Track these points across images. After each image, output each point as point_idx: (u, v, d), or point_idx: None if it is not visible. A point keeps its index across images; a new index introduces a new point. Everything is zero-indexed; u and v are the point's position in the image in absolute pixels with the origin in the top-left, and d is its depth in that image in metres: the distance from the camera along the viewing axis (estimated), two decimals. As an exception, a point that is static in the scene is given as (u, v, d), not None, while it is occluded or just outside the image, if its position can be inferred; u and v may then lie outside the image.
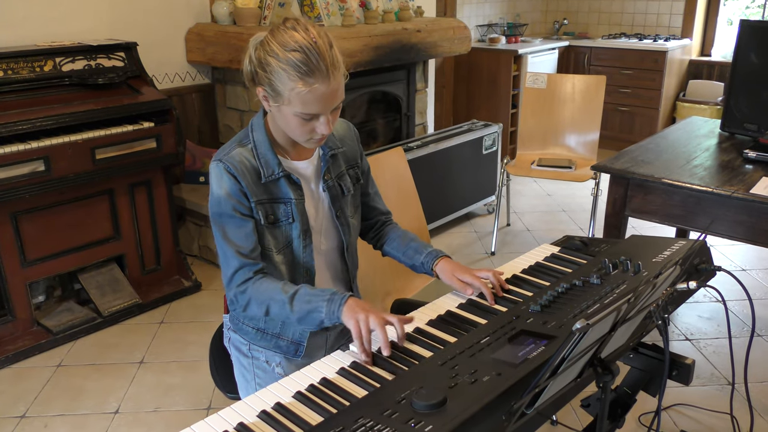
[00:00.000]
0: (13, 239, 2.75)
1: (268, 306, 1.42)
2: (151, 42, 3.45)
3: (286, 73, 1.32)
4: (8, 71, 2.74)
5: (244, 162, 1.44)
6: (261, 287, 1.43)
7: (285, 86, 1.33)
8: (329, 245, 1.61)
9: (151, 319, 3.09)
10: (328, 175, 1.55)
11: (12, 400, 2.50)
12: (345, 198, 1.60)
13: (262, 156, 1.46)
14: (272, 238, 1.49)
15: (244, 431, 1.08)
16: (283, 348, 1.58)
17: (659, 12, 5.93)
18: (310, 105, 1.34)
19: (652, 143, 2.82)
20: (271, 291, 1.41)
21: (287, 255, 1.52)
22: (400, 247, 1.69)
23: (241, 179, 1.43)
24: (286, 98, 1.35)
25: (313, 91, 1.32)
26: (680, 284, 1.53)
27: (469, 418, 1.02)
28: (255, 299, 1.43)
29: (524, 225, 4.23)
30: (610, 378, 1.07)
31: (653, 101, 5.58)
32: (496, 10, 6.01)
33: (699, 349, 2.86)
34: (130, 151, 2.90)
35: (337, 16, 3.57)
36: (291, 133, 1.43)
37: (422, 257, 1.63)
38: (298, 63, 1.31)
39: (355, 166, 1.64)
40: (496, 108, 5.48)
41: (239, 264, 1.44)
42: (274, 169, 1.46)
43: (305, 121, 1.38)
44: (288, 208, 1.49)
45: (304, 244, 1.52)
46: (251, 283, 1.43)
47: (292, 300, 1.40)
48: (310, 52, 1.31)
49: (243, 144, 1.47)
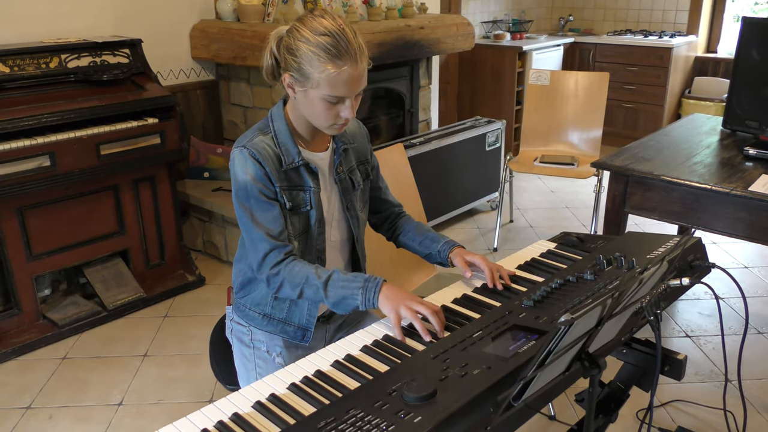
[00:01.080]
0: (19, 233, 2.79)
1: (302, 289, 1.46)
2: (156, 38, 3.48)
3: (317, 56, 1.37)
4: (14, 68, 2.77)
5: (267, 149, 1.49)
6: (294, 270, 1.46)
7: (315, 69, 1.38)
8: (339, 237, 1.66)
9: (155, 313, 3.12)
10: (340, 168, 1.61)
11: (18, 391, 2.54)
12: (355, 192, 1.65)
13: (282, 144, 1.51)
14: (291, 223, 1.53)
15: (238, 421, 1.10)
16: (290, 333, 1.62)
17: (665, 8, 5.91)
18: (338, 87, 1.40)
19: (653, 140, 2.83)
20: (305, 275, 1.45)
21: (302, 241, 1.56)
22: (416, 237, 1.74)
23: (265, 164, 1.47)
24: (315, 81, 1.40)
25: (342, 73, 1.38)
26: (673, 281, 1.55)
27: (458, 410, 1.04)
28: (289, 282, 1.46)
29: (527, 221, 4.24)
30: (597, 372, 1.09)
31: (658, 98, 5.57)
32: (502, 7, 6.01)
33: (699, 345, 2.87)
34: (135, 147, 2.93)
35: (340, 12, 3.58)
36: (315, 118, 1.47)
37: (439, 246, 1.69)
38: (329, 46, 1.37)
39: (365, 162, 1.70)
40: (500, 104, 5.49)
41: (270, 246, 1.47)
42: (294, 157, 1.51)
43: (331, 105, 1.43)
44: (307, 196, 1.54)
45: (319, 232, 1.57)
46: (284, 266, 1.47)
47: (326, 285, 1.44)
48: (339, 37, 1.37)
49: (264, 132, 1.52)
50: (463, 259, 1.61)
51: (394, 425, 1.02)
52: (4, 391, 2.55)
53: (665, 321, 3.06)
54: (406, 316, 1.34)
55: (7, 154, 2.56)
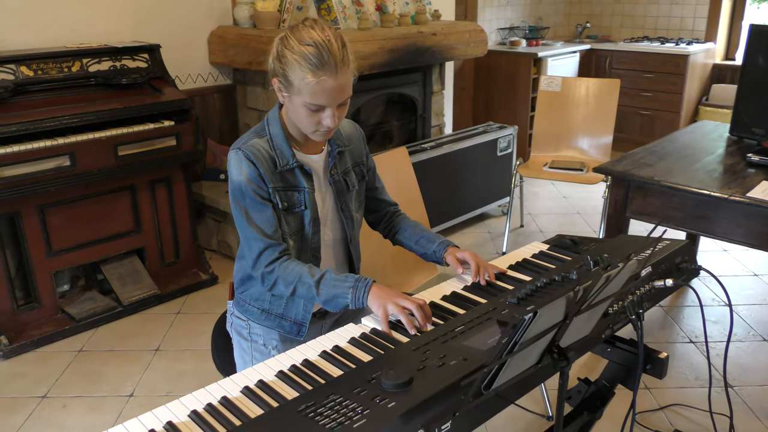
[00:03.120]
0: (39, 230, 2.90)
1: (295, 287, 1.53)
2: (175, 44, 3.59)
3: (299, 65, 1.44)
4: (38, 71, 2.89)
5: (261, 151, 1.56)
6: (288, 268, 1.53)
7: (296, 76, 1.45)
8: (334, 237, 1.72)
9: (168, 309, 3.22)
10: (334, 170, 1.67)
11: (35, 381, 2.65)
12: (350, 193, 1.71)
13: (277, 147, 1.57)
14: (286, 223, 1.60)
15: (226, 404, 1.17)
16: (286, 328, 1.68)
17: (683, 15, 5.90)
18: (317, 96, 1.46)
19: (657, 146, 2.86)
20: (299, 273, 1.52)
21: (297, 240, 1.63)
22: (412, 236, 1.81)
23: (259, 166, 1.54)
24: (297, 88, 1.46)
25: (321, 83, 1.44)
26: (657, 282, 1.59)
27: (431, 397, 1.10)
28: (282, 279, 1.53)
29: (538, 226, 4.27)
30: (566, 364, 1.13)
31: (674, 105, 5.56)
32: (518, 14, 6.05)
33: (702, 351, 2.88)
34: (151, 149, 3.03)
35: (353, 19, 3.67)
36: (299, 123, 1.55)
37: (434, 245, 1.75)
38: (310, 56, 1.43)
39: (361, 164, 1.76)
40: (515, 110, 5.52)
41: (264, 245, 1.54)
42: (289, 159, 1.58)
43: (312, 112, 1.49)
44: (302, 196, 1.60)
45: (314, 231, 1.64)
46: (278, 264, 1.54)
47: (319, 284, 1.51)
48: (322, 48, 1.43)
49: (260, 135, 1.59)
50: (455, 257, 1.67)
51: (369, 409, 1.08)
52: (22, 381, 2.65)
53: (670, 326, 3.07)
54: (393, 311, 1.40)
55: (29, 153, 2.68)
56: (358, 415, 1.06)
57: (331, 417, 1.06)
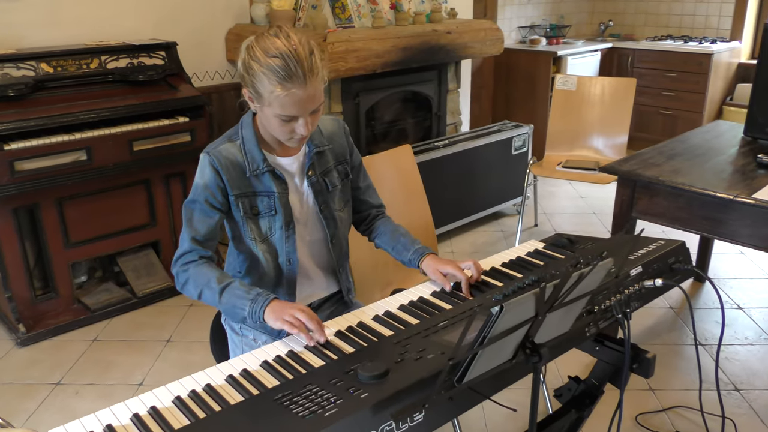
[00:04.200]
0: (57, 222, 2.99)
1: (201, 290, 1.53)
2: (193, 42, 3.66)
3: (267, 78, 1.42)
4: (58, 68, 2.98)
5: (230, 157, 1.56)
6: (200, 270, 1.53)
7: (265, 89, 1.44)
8: (314, 237, 1.72)
9: (181, 302, 3.29)
10: (311, 172, 1.66)
11: (50, 368, 2.74)
12: (330, 193, 1.70)
13: (248, 152, 1.57)
14: (255, 227, 1.61)
15: (209, 391, 1.21)
16: (267, 329, 1.69)
17: (708, 14, 5.81)
18: (288, 108, 1.45)
19: (667, 146, 2.84)
20: (208, 277, 1.52)
21: (269, 245, 1.63)
22: (389, 241, 1.79)
23: (224, 173, 1.55)
24: (267, 100, 1.45)
25: (291, 95, 1.43)
26: (647, 281, 1.59)
27: (403, 389, 1.13)
28: (193, 280, 1.54)
29: (552, 226, 4.26)
30: (538, 360, 1.15)
31: (697, 104, 5.48)
32: (540, 12, 6.02)
33: (711, 354, 2.85)
34: (165, 144, 3.10)
35: (368, 17, 3.70)
36: (273, 132, 1.54)
37: (409, 254, 1.72)
38: (278, 68, 1.41)
39: (344, 161, 1.74)
40: (534, 109, 5.50)
41: (189, 248, 1.56)
42: (259, 164, 1.58)
43: (285, 122, 1.48)
44: (271, 201, 1.60)
45: (287, 235, 1.63)
46: (193, 265, 1.55)
47: (223, 292, 1.50)
48: (289, 59, 1.41)
49: (232, 140, 1.59)
50: (438, 271, 1.62)
51: (342, 399, 1.11)
52: (38, 367, 2.74)
53: (680, 328, 3.05)
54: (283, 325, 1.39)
55: (47, 148, 2.76)
56: (331, 404, 1.09)
57: (305, 406, 1.10)
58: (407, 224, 2.37)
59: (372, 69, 3.48)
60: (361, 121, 3.82)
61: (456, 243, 4.00)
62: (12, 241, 2.89)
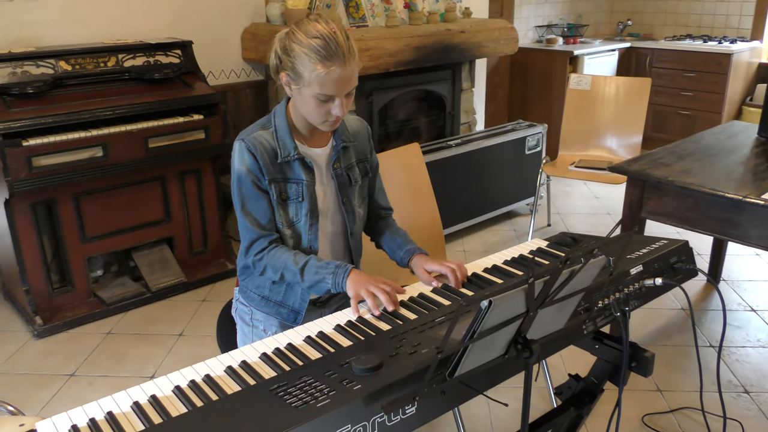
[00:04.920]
0: (74, 217, 3.05)
1: (282, 273, 1.63)
2: (210, 40, 3.71)
3: (308, 57, 1.50)
4: (75, 66, 3.04)
5: (264, 143, 1.63)
6: (276, 255, 1.63)
7: (306, 68, 1.51)
8: (334, 229, 1.78)
9: (194, 297, 3.34)
10: (337, 164, 1.72)
11: (65, 360, 2.80)
12: (352, 187, 1.76)
13: (280, 139, 1.64)
14: (283, 213, 1.67)
15: (208, 381, 1.24)
16: (283, 315, 1.76)
17: (728, 13, 5.74)
18: (327, 86, 1.52)
19: (679, 146, 2.82)
20: (285, 260, 1.62)
21: (294, 231, 1.70)
22: (387, 242, 1.86)
23: (259, 158, 1.61)
24: (307, 80, 1.53)
25: (331, 73, 1.50)
26: (647, 280, 1.59)
27: (396, 382, 1.15)
28: (271, 266, 1.63)
29: (565, 226, 4.25)
30: (529, 355, 1.16)
31: (716, 105, 5.43)
32: (557, 11, 5.99)
33: (723, 356, 2.83)
34: (180, 141, 3.15)
35: (381, 17, 3.72)
36: (309, 114, 1.60)
37: (402, 253, 1.78)
38: (319, 48, 1.49)
39: (365, 160, 1.81)
40: (550, 109, 5.48)
41: (257, 235, 1.64)
42: (290, 151, 1.64)
43: (322, 103, 1.55)
44: (299, 188, 1.67)
45: (310, 223, 1.70)
46: (267, 252, 1.64)
47: (303, 271, 1.60)
48: (329, 40, 1.50)
49: (265, 127, 1.66)
50: (423, 269, 1.67)
51: (335, 391, 1.13)
52: (53, 359, 2.81)
53: (689, 330, 3.03)
54: (363, 295, 1.48)
55: (65, 144, 2.82)
56: (324, 395, 1.12)
57: (299, 396, 1.12)
58: (414, 222, 2.40)
59: (385, 68, 3.50)
60: (374, 120, 3.84)
61: (468, 242, 4.00)
62: (30, 235, 2.96)
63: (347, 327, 1.43)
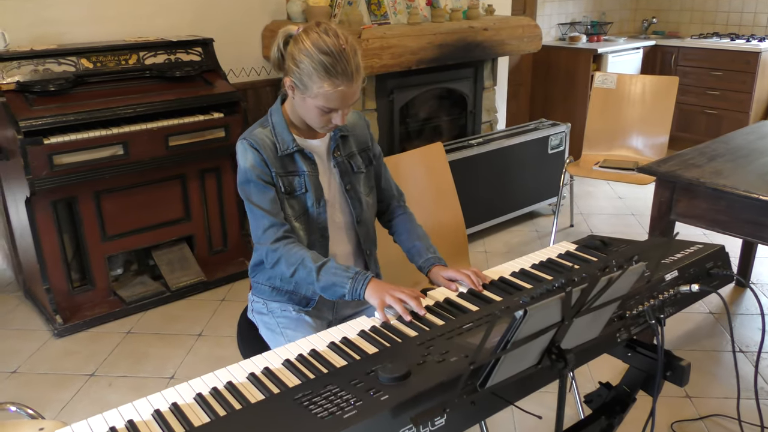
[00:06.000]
0: (95, 215, 3.04)
1: (296, 269, 1.59)
2: (230, 38, 3.69)
3: (317, 73, 1.52)
4: (97, 63, 3.03)
5: (264, 139, 1.64)
6: (293, 250, 1.61)
7: (314, 84, 1.54)
8: (343, 219, 1.78)
9: (213, 296, 3.32)
10: (337, 152, 1.74)
11: (85, 359, 2.79)
12: (356, 175, 1.77)
13: (278, 134, 1.66)
14: (290, 206, 1.67)
15: (230, 389, 1.21)
16: (295, 300, 1.76)
17: (756, 11, 5.62)
18: (332, 101, 1.56)
19: (709, 147, 2.75)
20: (302, 256, 1.59)
21: (304, 222, 1.70)
22: (405, 243, 1.85)
23: (263, 152, 1.63)
24: (313, 93, 1.55)
25: (338, 92, 1.54)
26: (683, 287, 1.54)
27: (424, 392, 1.11)
28: (285, 260, 1.60)
29: (588, 227, 4.17)
30: (563, 366, 1.11)
31: (743, 104, 5.31)
32: (581, 9, 5.90)
33: (751, 361, 2.75)
34: (201, 140, 3.13)
35: (403, 14, 3.67)
36: (310, 120, 1.63)
37: (421, 261, 1.77)
38: (329, 66, 1.51)
39: (367, 149, 1.82)
40: (573, 107, 5.40)
41: (269, 222, 1.62)
42: (289, 144, 1.66)
43: (324, 113, 1.59)
44: (302, 180, 1.68)
45: (319, 212, 1.69)
46: (282, 244, 1.61)
47: (320, 270, 1.57)
48: (339, 58, 1.51)
49: (264, 126, 1.68)
50: (442, 277, 1.66)
51: (362, 401, 1.09)
52: (74, 358, 2.80)
53: (719, 335, 2.95)
54: (389, 302, 1.45)
55: (86, 142, 2.81)
56: (350, 405, 1.08)
57: (324, 406, 1.08)
58: (437, 223, 2.35)
59: (407, 66, 3.46)
60: (395, 118, 3.80)
61: (489, 242, 3.95)
62: (51, 233, 2.95)
63: (372, 333, 1.39)
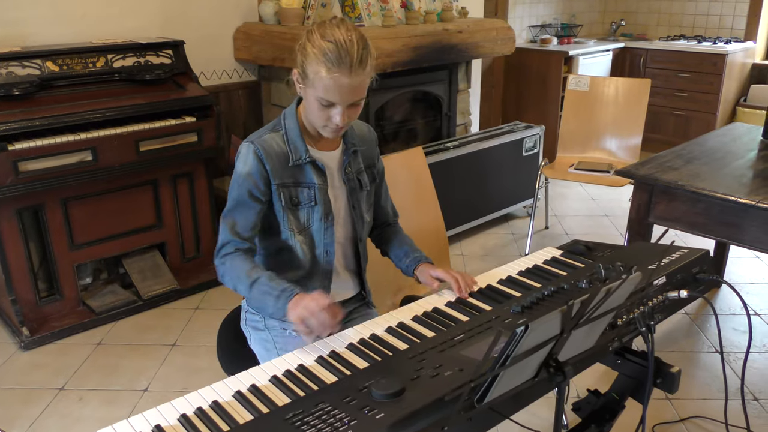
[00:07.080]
0: (62, 223, 2.94)
1: (236, 284, 1.55)
2: (201, 40, 3.61)
3: (315, 58, 1.46)
4: (63, 66, 2.93)
5: (274, 146, 1.58)
6: (235, 264, 1.55)
7: (312, 70, 1.47)
8: (344, 235, 1.72)
9: (187, 304, 3.24)
10: (348, 169, 1.68)
11: (54, 372, 2.69)
12: (362, 193, 1.72)
13: (291, 142, 1.59)
14: (294, 219, 1.61)
15: (216, 409, 1.16)
16: None
17: (722, 14, 5.72)
18: (329, 92, 1.47)
19: (685, 149, 2.77)
20: (240, 271, 1.53)
21: (308, 236, 1.64)
22: (393, 250, 1.81)
23: (267, 163, 1.56)
24: (311, 80, 1.49)
25: (334, 79, 1.45)
26: (671, 293, 1.53)
27: (421, 409, 1.07)
28: (228, 274, 1.56)
29: (563, 228, 4.19)
30: (562, 379, 1.09)
31: (710, 105, 5.40)
32: (551, 11, 5.94)
33: (729, 362, 2.78)
34: (172, 144, 3.05)
35: (377, 16, 3.63)
36: (311, 115, 1.56)
37: (408, 260, 1.74)
38: (327, 51, 1.45)
39: (372, 166, 1.77)
40: (545, 109, 5.43)
41: (228, 239, 1.57)
42: (302, 154, 1.59)
43: (323, 107, 1.51)
44: (311, 192, 1.61)
45: (326, 227, 1.64)
46: (229, 258, 1.56)
47: (252, 286, 1.51)
48: (341, 46, 1.45)
49: (276, 130, 1.61)
50: (429, 275, 1.65)
51: (357, 420, 1.05)
52: (41, 372, 2.70)
53: (696, 335, 2.98)
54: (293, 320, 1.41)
55: (52, 148, 2.71)
56: (345, 425, 1.04)
57: (317, 427, 1.04)
58: (418, 227, 2.33)
59: (382, 69, 3.42)
60: (370, 121, 3.76)
61: (466, 245, 3.94)
62: (16, 242, 2.84)
63: (360, 345, 1.35)
